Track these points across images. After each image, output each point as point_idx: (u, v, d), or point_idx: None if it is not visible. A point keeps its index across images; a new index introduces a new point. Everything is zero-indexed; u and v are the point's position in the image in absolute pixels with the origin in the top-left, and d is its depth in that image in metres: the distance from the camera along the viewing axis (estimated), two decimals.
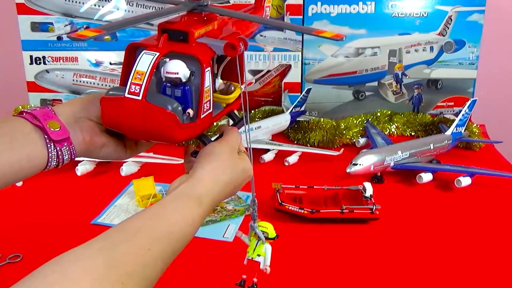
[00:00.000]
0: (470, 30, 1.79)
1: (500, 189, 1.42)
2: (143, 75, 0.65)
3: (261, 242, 0.74)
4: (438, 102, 1.87)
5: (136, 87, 0.65)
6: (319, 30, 0.71)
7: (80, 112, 0.73)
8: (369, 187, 1.30)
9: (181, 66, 0.67)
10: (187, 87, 0.69)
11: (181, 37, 0.69)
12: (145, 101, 0.65)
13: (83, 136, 0.72)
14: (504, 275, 1.08)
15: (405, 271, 1.08)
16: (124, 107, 0.66)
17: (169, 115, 0.66)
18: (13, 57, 1.81)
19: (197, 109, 0.70)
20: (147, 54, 0.66)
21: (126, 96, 0.65)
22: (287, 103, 1.80)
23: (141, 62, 0.66)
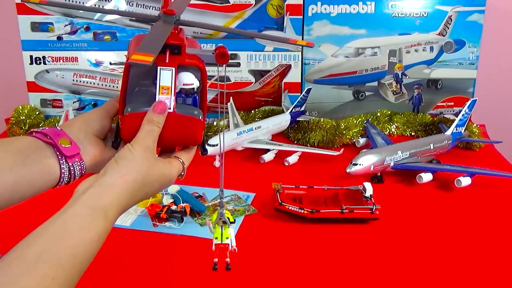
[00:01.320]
0: (470, 30, 1.79)
1: (500, 189, 1.42)
2: (169, 89, 0.72)
3: (226, 226, 0.80)
4: (438, 102, 1.87)
5: (166, 100, 0.72)
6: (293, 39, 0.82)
7: (86, 129, 0.75)
8: (369, 187, 1.30)
9: (193, 77, 0.75)
10: (196, 95, 0.76)
11: (175, 50, 0.74)
12: (176, 112, 0.72)
13: (93, 151, 0.75)
14: (504, 275, 1.08)
15: (405, 271, 1.08)
16: None
17: (198, 121, 0.75)
18: (13, 57, 1.81)
19: (203, 111, 0.77)
20: (165, 70, 0.72)
21: None
22: (287, 103, 1.80)
23: (162, 78, 0.72)
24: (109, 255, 1.12)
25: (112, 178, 0.67)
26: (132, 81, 0.76)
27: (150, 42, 0.69)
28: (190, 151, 0.80)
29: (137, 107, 0.73)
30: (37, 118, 1.72)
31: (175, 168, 0.75)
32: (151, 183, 0.71)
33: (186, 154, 0.79)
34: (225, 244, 0.79)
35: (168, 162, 0.75)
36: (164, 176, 0.74)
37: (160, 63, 0.72)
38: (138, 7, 1.72)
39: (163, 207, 1.24)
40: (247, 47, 1.76)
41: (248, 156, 1.60)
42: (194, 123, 0.75)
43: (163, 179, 0.74)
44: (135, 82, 0.76)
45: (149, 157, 0.71)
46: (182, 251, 1.13)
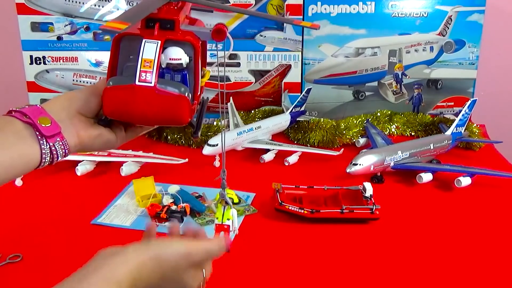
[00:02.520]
0: (470, 30, 1.79)
1: (500, 189, 1.42)
2: (151, 62, 0.68)
3: (228, 207, 0.79)
4: (438, 102, 1.87)
5: (147, 74, 0.68)
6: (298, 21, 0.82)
7: (70, 107, 0.73)
8: (369, 187, 1.30)
9: (181, 52, 0.71)
10: (185, 72, 0.72)
11: (168, 25, 0.72)
12: (157, 87, 0.68)
13: (76, 130, 0.72)
14: (504, 275, 1.08)
15: (405, 271, 1.08)
16: (136, 95, 0.69)
17: (182, 98, 0.70)
18: (13, 57, 1.81)
19: (193, 92, 0.74)
20: (150, 43, 0.69)
21: (137, 84, 0.68)
22: (287, 103, 1.80)
23: (146, 51, 0.69)
24: None
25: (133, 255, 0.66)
26: (123, 57, 0.73)
27: (132, 12, 0.68)
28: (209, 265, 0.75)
29: (120, 80, 0.71)
30: None
31: (196, 282, 0.73)
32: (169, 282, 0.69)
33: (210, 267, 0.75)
34: (226, 225, 0.78)
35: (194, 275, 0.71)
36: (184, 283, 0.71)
37: (147, 37, 0.70)
38: None
39: (163, 207, 1.24)
40: (247, 47, 1.76)
41: (248, 156, 1.60)
42: (177, 101, 0.70)
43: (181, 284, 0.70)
44: (125, 58, 0.73)
45: (183, 263, 0.69)
46: None
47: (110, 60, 0.74)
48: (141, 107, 0.69)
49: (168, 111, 0.71)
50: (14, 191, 1.37)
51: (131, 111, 0.70)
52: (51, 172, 1.45)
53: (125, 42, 0.73)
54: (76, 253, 1.12)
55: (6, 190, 1.36)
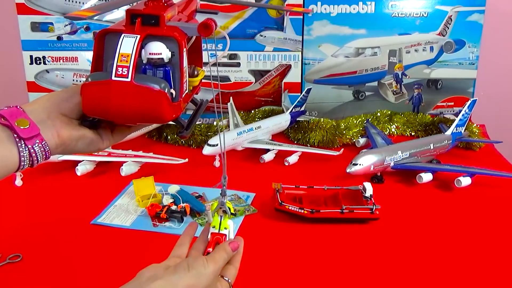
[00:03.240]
0: (470, 30, 1.79)
1: (500, 189, 1.42)
2: (128, 57, 0.66)
3: (225, 216, 0.79)
4: (438, 102, 1.87)
5: (124, 69, 0.65)
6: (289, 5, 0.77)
7: (52, 108, 0.71)
8: (369, 187, 1.30)
9: (162, 47, 0.69)
10: (168, 68, 0.70)
11: (152, 21, 0.70)
12: (134, 82, 0.66)
13: (57, 131, 0.70)
14: (504, 275, 1.08)
15: (405, 271, 1.08)
16: (112, 91, 0.66)
17: (160, 94, 0.67)
18: (13, 57, 1.81)
19: (179, 89, 0.71)
20: (128, 37, 0.67)
21: (113, 79, 0.65)
22: (287, 103, 1.80)
23: (124, 45, 0.66)
24: (109, 255, 1.12)
25: (179, 281, 0.69)
26: (108, 55, 0.71)
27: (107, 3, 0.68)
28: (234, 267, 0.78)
29: (98, 76, 0.68)
30: None
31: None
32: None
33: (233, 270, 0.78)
34: (222, 235, 0.78)
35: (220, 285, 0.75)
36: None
37: (127, 31, 0.68)
38: None
39: (163, 207, 1.24)
40: (247, 47, 1.76)
41: (248, 156, 1.60)
42: (156, 96, 0.67)
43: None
44: (110, 55, 0.70)
45: (215, 279, 0.73)
46: None
47: (93, 57, 0.72)
48: (118, 104, 0.67)
49: (146, 107, 0.67)
50: (14, 191, 1.37)
51: (108, 107, 0.67)
52: (51, 172, 1.46)
53: (109, 39, 0.71)
54: (76, 253, 1.12)
55: (6, 190, 1.36)
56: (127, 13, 0.70)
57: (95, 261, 1.10)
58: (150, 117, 0.69)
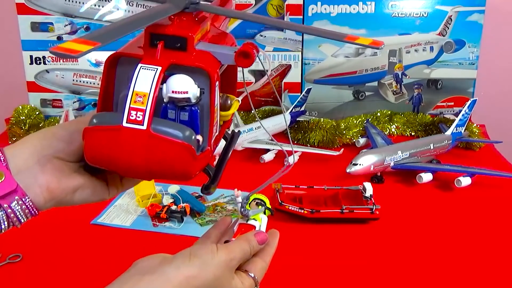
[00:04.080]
0: (470, 30, 1.79)
1: (500, 189, 1.42)
2: (145, 97, 0.51)
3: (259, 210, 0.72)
4: (438, 102, 1.87)
5: (138, 113, 0.51)
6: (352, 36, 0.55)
7: (42, 151, 0.57)
8: (369, 187, 1.30)
9: (189, 83, 0.54)
10: (195, 109, 0.55)
11: (177, 44, 0.55)
12: (151, 130, 0.52)
13: (47, 181, 0.56)
14: (504, 275, 1.08)
15: (405, 271, 1.08)
16: (122, 140, 0.52)
17: (184, 147, 0.53)
18: (13, 57, 1.81)
19: (207, 134, 0.57)
20: (146, 69, 0.52)
21: (124, 125, 0.52)
22: (287, 103, 1.80)
23: (140, 80, 0.52)
24: (109, 255, 1.12)
25: (175, 273, 0.57)
26: (120, 84, 0.57)
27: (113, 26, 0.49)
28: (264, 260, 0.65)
29: (106, 118, 0.54)
30: (37, 118, 1.72)
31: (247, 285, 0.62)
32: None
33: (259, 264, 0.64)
34: (250, 226, 0.68)
35: (241, 280, 0.62)
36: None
37: (145, 60, 0.53)
38: (138, 7, 1.72)
39: (163, 207, 1.24)
40: None
41: (248, 156, 1.60)
42: (180, 150, 0.53)
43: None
44: (123, 85, 0.56)
45: (227, 271, 0.60)
46: None
47: (101, 87, 0.57)
48: (130, 156, 0.53)
49: (166, 163, 0.54)
50: None
51: (117, 160, 0.54)
52: None
53: (123, 66, 0.57)
54: (76, 253, 1.12)
55: None
56: (146, 32, 0.56)
57: (95, 261, 1.10)
58: (169, 174, 0.56)
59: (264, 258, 0.66)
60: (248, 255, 0.63)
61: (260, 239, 0.65)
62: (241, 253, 0.62)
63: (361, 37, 0.55)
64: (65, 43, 0.43)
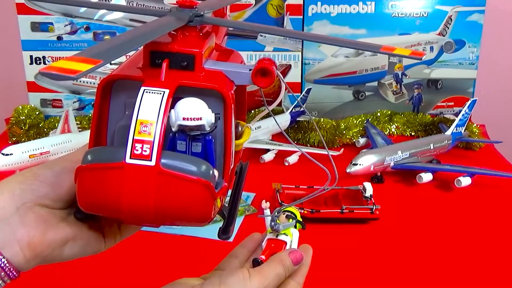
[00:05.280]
0: (470, 30, 1.79)
1: (500, 189, 1.42)
2: (152, 126, 0.43)
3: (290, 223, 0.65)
4: (438, 102, 1.87)
5: (145, 146, 0.43)
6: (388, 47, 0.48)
7: (22, 197, 0.47)
8: (369, 187, 1.30)
9: (203, 107, 0.46)
10: (210, 138, 0.47)
11: (184, 63, 0.48)
12: (161, 167, 0.44)
13: (28, 236, 0.46)
14: (504, 275, 1.08)
15: (405, 271, 1.08)
16: (126, 180, 0.43)
17: (202, 185, 0.45)
18: (13, 57, 1.81)
19: (222, 168, 0.50)
20: (151, 93, 0.44)
21: (127, 162, 0.43)
22: (287, 103, 1.80)
23: (144, 107, 0.44)
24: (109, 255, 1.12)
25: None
26: (116, 113, 0.49)
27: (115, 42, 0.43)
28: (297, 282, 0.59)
29: (104, 154, 0.45)
30: (37, 118, 1.72)
31: None
32: None
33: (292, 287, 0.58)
34: (281, 242, 0.62)
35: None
36: None
37: (148, 82, 0.45)
38: (138, 7, 1.72)
39: None
40: (247, 47, 1.76)
41: (248, 156, 1.60)
42: (194, 188, 0.44)
43: None
44: (119, 113, 0.49)
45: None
46: (182, 251, 1.13)
47: (94, 117, 0.49)
48: (136, 199, 0.44)
49: (180, 205, 0.45)
50: None
51: (119, 204, 0.44)
52: None
53: (119, 91, 0.49)
54: None
55: None
56: (145, 50, 0.48)
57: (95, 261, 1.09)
58: (184, 218, 0.47)
59: (297, 280, 0.59)
60: (283, 278, 0.57)
61: (295, 259, 0.58)
62: (276, 279, 0.56)
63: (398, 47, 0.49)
64: (59, 61, 0.37)
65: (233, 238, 1.21)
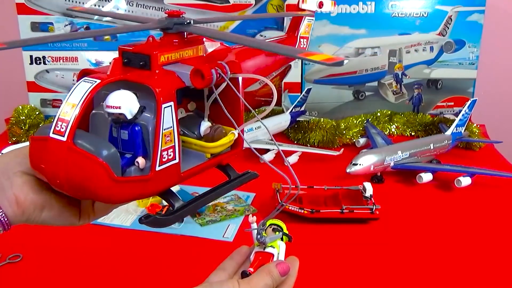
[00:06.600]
0: (470, 30, 1.79)
1: (500, 189, 1.42)
2: (72, 108, 0.50)
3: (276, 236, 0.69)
4: (438, 102, 1.87)
5: (63, 124, 0.50)
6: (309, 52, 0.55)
7: (14, 166, 0.58)
8: (369, 187, 1.30)
9: (126, 99, 0.52)
10: (137, 128, 0.54)
11: (141, 62, 0.55)
12: (71, 143, 0.50)
13: (16, 195, 0.57)
14: (504, 275, 1.08)
15: (405, 271, 1.08)
16: (48, 150, 0.52)
17: (97, 164, 0.51)
18: (13, 57, 1.81)
19: (151, 158, 0.54)
20: (86, 82, 0.52)
21: (50, 136, 0.51)
22: (287, 103, 1.80)
23: (75, 92, 0.51)
24: (109, 255, 1.12)
25: None
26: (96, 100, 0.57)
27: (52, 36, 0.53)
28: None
29: (44, 128, 0.53)
30: (37, 118, 1.73)
31: None
32: None
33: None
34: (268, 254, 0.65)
35: None
36: None
37: (93, 75, 0.53)
38: (138, 7, 1.72)
39: (163, 207, 1.24)
40: None
41: (248, 156, 1.60)
42: (95, 167, 0.51)
43: None
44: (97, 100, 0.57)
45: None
46: (182, 251, 1.13)
47: None
48: (54, 168, 0.52)
49: (83, 179, 0.52)
50: None
51: (46, 170, 0.53)
52: None
53: None
54: (76, 253, 1.12)
55: None
56: (119, 50, 0.57)
57: (95, 261, 1.10)
58: (88, 193, 0.53)
59: None
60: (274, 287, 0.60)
61: (283, 270, 0.62)
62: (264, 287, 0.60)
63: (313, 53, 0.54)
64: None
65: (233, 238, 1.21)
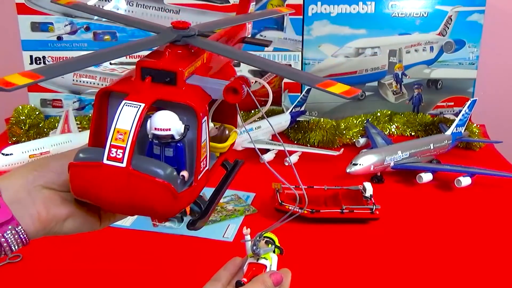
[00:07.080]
0: (470, 30, 1.79)
1: (500, 189, 1.42)
2: (126, 134, 0.51)
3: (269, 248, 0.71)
4: (438, 102, 1.87)
5: (118, 150, 0.51)
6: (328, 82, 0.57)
7: (34, 181, 0.58)
8: (369, 187, 1.30)
9: (173, 120, 0.54)
10: (180, 145, 0.55)
11: (167, 79, 0.55)
12: (130, 168, 0.52)
13: (38, 211, 0.57)
14: (504, 275, 1.08)
15: (405, 271, 1.08)
16: (103, 177, 0.53)
17: (162, 186, 0.53)
18: (13, 57, 1.81)
19: (193, 170, 0.57)
20: (129, 106, 0.52)
21: (104, 162, 0.52)
22: (287, 103, 1.80)
23: (122, 118, 0.52)
24: (109, 255, 1.12)
25: None
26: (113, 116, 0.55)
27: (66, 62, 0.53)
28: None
29: (91, 153, 0.54)
30: (37, 118, 1.73)
31: None
32: None
33: None
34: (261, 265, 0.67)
35: None
36: None
37: (130, 96, 0.53)
38: (138, 7, 1.72)
39: None
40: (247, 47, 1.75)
41: (248, 156, 1.60)
42: (159, 189, 0.52)
43: None
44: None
45: None
46: (182, 251, 1.13)
47: (92, 120, 0.57)
48: (111, 193, 0.53)
49: (146, 201, 0.53)
50: None
51: (99, 196, 0.54)
52: None
53: (114, 99, 0.56)
54: (76, 253, 1.12)
55: None
56: (137, 66, 0.56)
57: (95, 261, 1.10)
58: (150, 212, 0.56)
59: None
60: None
61: (276, 280, 0.64)
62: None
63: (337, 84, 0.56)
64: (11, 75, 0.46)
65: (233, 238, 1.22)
